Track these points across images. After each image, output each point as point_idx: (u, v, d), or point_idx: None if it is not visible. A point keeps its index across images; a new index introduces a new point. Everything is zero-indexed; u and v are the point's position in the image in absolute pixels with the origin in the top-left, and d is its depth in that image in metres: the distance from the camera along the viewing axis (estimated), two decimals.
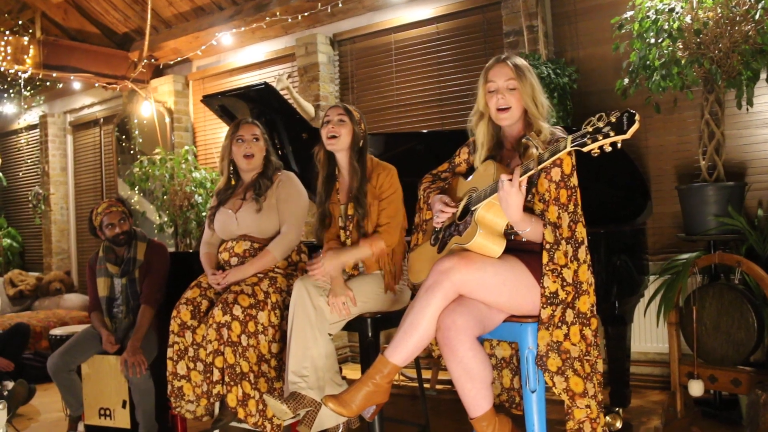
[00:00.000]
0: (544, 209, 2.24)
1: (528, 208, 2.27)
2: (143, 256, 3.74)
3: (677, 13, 3.37)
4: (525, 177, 2.13)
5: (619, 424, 3.37)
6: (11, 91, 7.49)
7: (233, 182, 3.29)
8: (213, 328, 2.85)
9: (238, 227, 3.16)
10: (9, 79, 7.08)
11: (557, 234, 2.21)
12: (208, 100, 4.18)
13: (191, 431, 3.70)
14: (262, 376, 2.87)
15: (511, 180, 2.12)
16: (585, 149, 1.98)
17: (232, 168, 3.29)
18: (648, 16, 3.49)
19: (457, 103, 5.20)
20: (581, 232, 2.24)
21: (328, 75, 5.82)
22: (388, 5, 5.47)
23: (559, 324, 2.20)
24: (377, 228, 2.86)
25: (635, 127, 1.90)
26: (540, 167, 2.11)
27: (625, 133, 1.90)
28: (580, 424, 2.21)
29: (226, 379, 2.81)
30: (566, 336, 2.20)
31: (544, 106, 2.38)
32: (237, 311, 2.84)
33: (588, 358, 2.23)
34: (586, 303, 2.23)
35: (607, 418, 3.31)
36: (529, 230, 2.24)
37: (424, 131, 5.10)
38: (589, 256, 2.27)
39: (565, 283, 2.21)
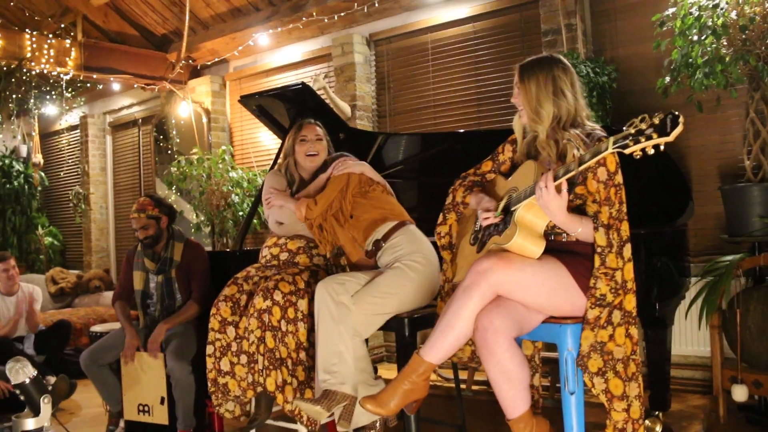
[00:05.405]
0: (598, 211, 2.19)
1: (578, 208, 2.24)
2: (180, 256, 3.76)
3: (722, 9, 3.30)
4: (564, 179, 2.09)
5: (659, 429, 3.31)
6: (53, 93, 7.63)
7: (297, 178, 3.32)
8: (254, 317, 2.86)
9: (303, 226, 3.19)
10: (51, 81, 7.24)
11: (610, 236, 2.16)
12: (246, 100, 4.21)
13: (227, 428, 3.73)
14: (300, 364, 2.88)
15: (546, 186, 2.09)
16: (626, 151, 1.94)
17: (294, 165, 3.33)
18: (691, 13, 3.42)
19: (494, 103, 5.16)
20: (626, 230, 2.20)
21: (364, 75, 5.83)
22: (424, 5, 5.45)
23: (605, 325, 2.16)
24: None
25: (679, 129, 1.84)
26: (581, 169, 2.07)
27: (668, 135, 1.86)
28: (624, 424, 2.17)
29: (266, 363, 2.83)
30: (611, 337, 2.16)
31: (547, 111, 2.30)
32: (277, 296, 2.86)
33: (634, 357, 2.19)
34: (632, 301, 2.20)
35: (647, 422, 3.25)
36: (581, 230, 2.21)
37: (461, 131, 5.08)
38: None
39: (617, 286, 2.17)
